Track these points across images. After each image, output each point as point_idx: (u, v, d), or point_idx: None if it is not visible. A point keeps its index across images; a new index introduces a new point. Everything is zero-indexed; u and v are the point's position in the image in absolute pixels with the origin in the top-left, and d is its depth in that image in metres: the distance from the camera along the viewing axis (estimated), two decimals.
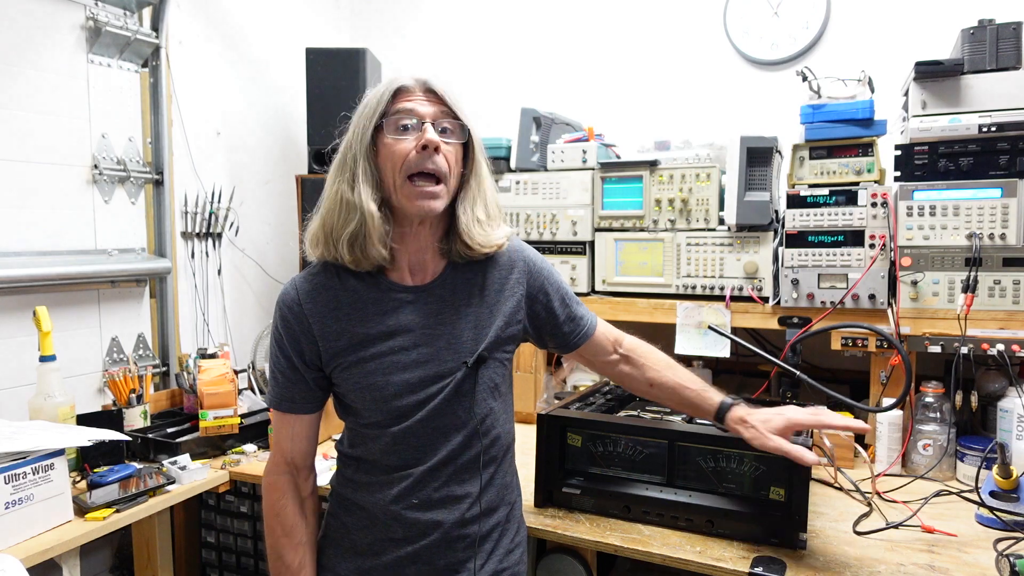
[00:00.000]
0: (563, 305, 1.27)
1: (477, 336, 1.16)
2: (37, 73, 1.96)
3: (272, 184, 2.79)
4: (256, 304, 2.72)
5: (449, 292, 1.16)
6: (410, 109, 1.08)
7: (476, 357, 1.14)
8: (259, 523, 2.07)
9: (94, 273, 2.08)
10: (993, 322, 1.65)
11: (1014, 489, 1.41)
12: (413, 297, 1.14)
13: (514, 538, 1.24)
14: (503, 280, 1.21)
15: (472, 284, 1.18)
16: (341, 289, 1.14)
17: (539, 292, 1.24)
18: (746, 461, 1.36)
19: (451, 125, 1.11)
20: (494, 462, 1.19)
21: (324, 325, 1.13)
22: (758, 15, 2.41)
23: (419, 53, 3.01)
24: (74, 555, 1.46)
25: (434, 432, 1.13)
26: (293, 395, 1.17)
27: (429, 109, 1.09)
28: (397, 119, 1.08)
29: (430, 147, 1.06)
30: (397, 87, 1.10)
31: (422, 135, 1.07)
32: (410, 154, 1.07)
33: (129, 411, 1.98)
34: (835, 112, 1.82)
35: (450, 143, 1.10)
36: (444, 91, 1.11)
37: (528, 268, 1.24)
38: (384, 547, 1.15)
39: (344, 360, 1.12)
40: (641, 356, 1.33)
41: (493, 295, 1.19)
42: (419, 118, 1.08)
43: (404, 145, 1.07)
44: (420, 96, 1.10)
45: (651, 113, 2.57)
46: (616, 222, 2.09)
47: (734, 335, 1.81)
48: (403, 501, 1.13)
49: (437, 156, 1.07)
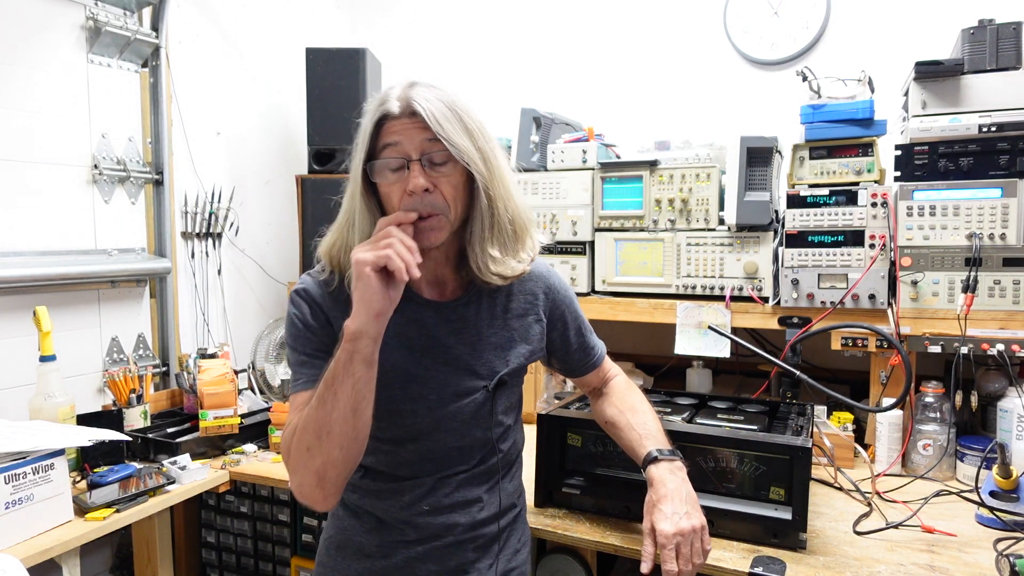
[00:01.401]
0: (578, 335, 1.28)
1: (498, 360, 1.14)
2: (37, 73, 1.96)
3: (272, 184, 2.79)
4: (256, 304, 2.72)
5: (473, 312, 1.13)
6: (395, 144, 1.00)
7: (497, 380, 1.12)
8: (259, 523, 2.07)
9: (94, 273, 2.08)
10: (993, 322, 1.65)
11: (1014, 489, 1.41)
12: (435, 313, 1.11)
13: (521, 537, 1.24)
14: (527, 306, 1.19)
15: (496, 306, 1.16)
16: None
17: (558, 320, 1.24)
18: (746, 461, 1.36)
19: (441, 156, 1.00)
20: (505, 468, 1.19)
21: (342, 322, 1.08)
22: (758, 15, 2.41)
23: (419, 53, 3.01)
24: (74, 555, 1.46)
25: (450, 451, 1.12)
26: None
27: (415, 141, 0.99)
28: (385, 162, 1.00)
29: (417, 192, 0.99)
30: (380, 115, 1.01)
31: (408, 178, 0.99)
32: (402, 199, 1.00)
33: (129, 411, 1.98)
34: (835, 112, 1.82)
35: (445, 175, 1.01)
36: (429, 115, 0.98)
37: (553, 297, 1.23)
38: (394, 548, 1.13)
39: None
40: (613, 394, 1.34)
41: (516, 319, 1.18)
42: (404, 155, 0.99)
43: (394, 190, 1.01)
44: (406, 123, 0.99)
45: (651, 113, 2.57)
46: (616, 222, 2.09)
47: (734, 335, 1.81)
48: (414, 507, 1.12)
49: (429, 196, 1.00)
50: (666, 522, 1.09)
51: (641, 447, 1.21)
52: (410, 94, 1.00)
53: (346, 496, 1.19)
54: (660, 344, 2.20)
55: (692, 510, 1.12)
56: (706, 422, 1.54)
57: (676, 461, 1.18)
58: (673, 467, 1.17)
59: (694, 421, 1.56)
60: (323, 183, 2.44)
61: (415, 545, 1.13)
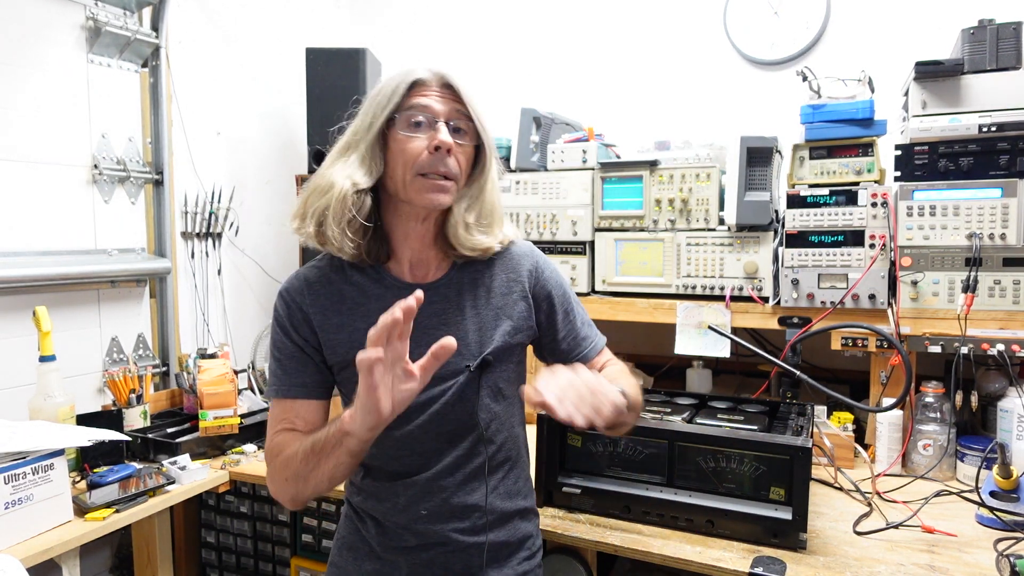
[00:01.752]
0: (567, 320, 1.22)
1: (482, 339, 1.13)
2: (37, 73, 1.96)
3: (272, 184, 2.79)
4: (256, 304, 2.72)
5: (455, 292, 1.14)
6: (425, 105, 1.05)
7: (480, 361, 1.11)
8: (259, 523, 2.07)
9: (94, 273, 2.08)
10: (993, 322, 1.65)
11: (1014, 489, 1.41)
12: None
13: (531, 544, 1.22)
14: (510, 283, 1.18)
15: (478, 285, 1.16)
16: (344, 282, 1.13)
17: (544, 300, 1.20)
18: (746, 461, 1.36)
19: (465, 126, 1.08)
20: (501, 468, 1.17)
21: (325, 317, 1.11)
22: (758, 15, 2.41)
23: (419, 53, 3.01)
24: (74, 555, 1.46)
25: (437, 438, 1.11)
26: (305, 380, 1.12)
27: (444, 107, 1.06)
28: (411, 114, 1.05)
29: (443, 149, 1.04)
30: (414, 80, 1.06)
31: (435, 135, 1.04)
32: (422, 154, 1.04)
33: (129, 411, 1.98)
34: (835, 112, 1.82)
35: (463, 144, 1.08)
36: (462, 88, 1.08)
37: (537, 276, 1.20)
38: (399, 554, 1.14)
39: (344, 355, 1.10)
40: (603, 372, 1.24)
41: (499, 298, 1.16)
42: (433, 116, 1.05)
43: (416, 143, 1.05)
44: (436, 91, 1.07)
45: (651, 113, 2.57)
46: (616, 222, 2.09)
47: (734, 335, 1.81)
48: (411, 512, 1.11)
49: (449, 158, 1.05)
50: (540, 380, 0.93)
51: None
52: (440, 70, 1.08)
53: (351, 499, 1.20)
54: (660, 344, 2.20)
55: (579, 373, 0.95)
56: (706, 422, 1.54)
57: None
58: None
59: (694, 421, 1.56)
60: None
61: (419, 552, 1.13)
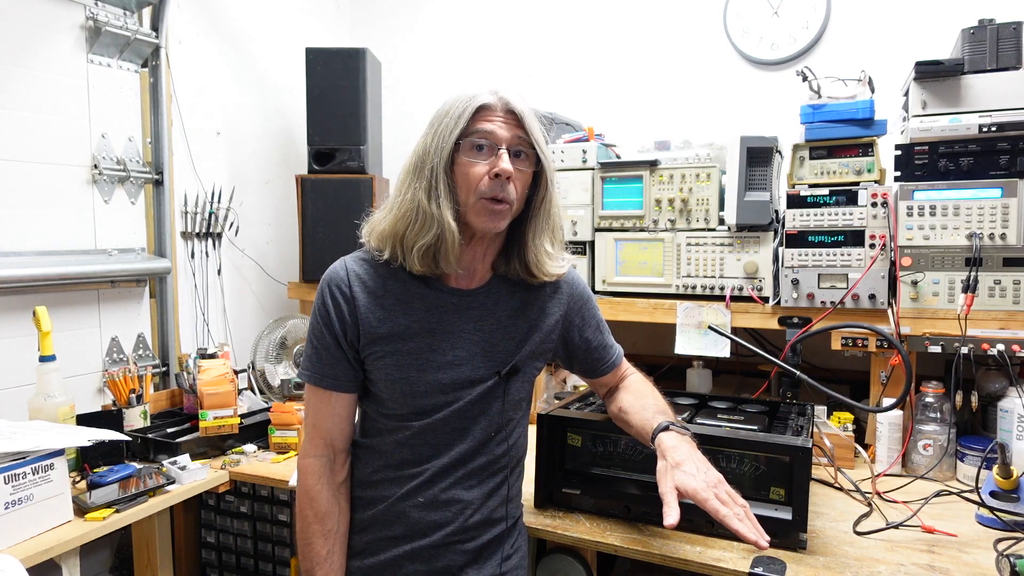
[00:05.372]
0: (596, 332, 1.33)
1: (514, 348, 1.19)
2: (37, 73, 1.96)
3: (272, 184, 2.79)
4: (256, 304, 2.72)
5: (493, 301, 1.19)
6: (490, 132, 1.09)
7: (510, 368, 1.17)
8: (259, 523, 2.07)
9: (94, 273, 2.07)
10: (993, 322, 1.65)
11: (1014, 489, 1.41)
12: (458, 300, 1.16)
13: (513, 543, 1.25)
14: (547, 299, 1.25)
15: (515, 297, 1.21)
16: (391, 278, 1.16)
17: (576, 316, 1.29)
18: (746, 461, 1.36)
19: (526, 152, 1.11)
20: (503, 471, 1.21)
21: (368, 310, 1.14)
22: (758, 15, 2.41)
23: (419, 53, 3.01)
24: (74, 555, 1.45)
25: (452, 432, 1.15)
26: (336, 372, 1.16)
27: (507, 134, 1.09)
28: (474, 140, 1.09)
29: (503, 176, 1.07)
30: (479, 105, 1.09)
31: (496, 161, 1.08)
32: (483, 179, 1.08)
33: (129, 411, 1.98)
34: (835, 112, 1.82)
35: (522, 170, 1.11)
36: (525, 115, 1.11)
37: (571, 292, 1.28)
38: (382, 546, 1.16)
39: (381, 348, 1.14)
40: (630, 386, 1.37)
41: (535, 312, 1.23)
42: (496, 142, 1.09)
43: (478, 169, 1.08)
44: (500, 117, 1.10)
45: (651, 113, 2.57)
46: (616, 222, 2.09)
47: (734, 335, 1.81)
48: (410, 499, 1.15)
49: (508, 184, 1.09)
50: (692, 479, 1.09)
51: (652, 420, 1.23)
52: (505, 95, 1.11)
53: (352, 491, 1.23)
54: (660, 344, 2.20)
55: (709, 469, 1.13)
56: (706, 422, 1.54)
57: (687, 435, 1.20)
58: (683, 438, 1.18)
59: (694, 421, 1.56)
60: (323, 183, 2.44)
61: (403, 542, 1.15)
